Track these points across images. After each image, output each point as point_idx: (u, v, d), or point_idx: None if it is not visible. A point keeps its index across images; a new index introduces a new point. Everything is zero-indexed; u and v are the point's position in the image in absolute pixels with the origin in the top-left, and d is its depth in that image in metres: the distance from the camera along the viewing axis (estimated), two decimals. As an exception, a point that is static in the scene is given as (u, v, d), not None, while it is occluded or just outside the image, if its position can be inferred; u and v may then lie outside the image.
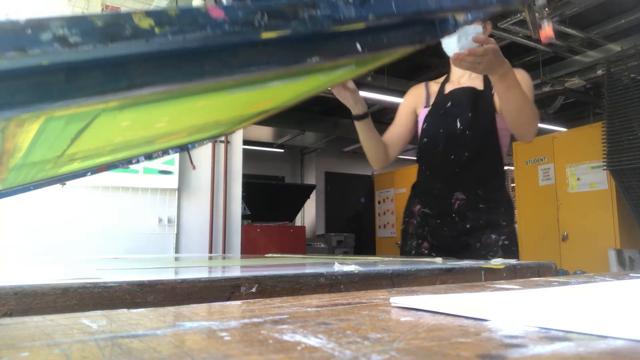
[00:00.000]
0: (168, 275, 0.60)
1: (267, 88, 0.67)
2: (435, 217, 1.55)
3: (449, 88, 1.62)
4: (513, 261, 0.90)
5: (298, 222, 7.56)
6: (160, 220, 2.88)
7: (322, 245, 6.84)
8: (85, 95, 0.43)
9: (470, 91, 1.55)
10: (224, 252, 3.07)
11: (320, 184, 8.35)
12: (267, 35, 0.54)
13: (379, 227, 6.78)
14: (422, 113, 1.64)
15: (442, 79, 1.69)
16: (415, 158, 1.71)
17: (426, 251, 1.56)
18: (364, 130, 1.53)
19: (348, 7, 0.62)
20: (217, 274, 0.63)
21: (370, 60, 0.77)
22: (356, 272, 0.66)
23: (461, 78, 1.62)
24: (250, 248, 4.52)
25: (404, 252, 1.63)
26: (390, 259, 1.22)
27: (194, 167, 2.98)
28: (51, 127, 0.52)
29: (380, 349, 0.23)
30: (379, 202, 6.81)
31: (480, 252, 1.46)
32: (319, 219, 8.38)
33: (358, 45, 0.63)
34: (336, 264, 0.77)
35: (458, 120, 1.52)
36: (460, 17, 0.89)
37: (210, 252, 3.02)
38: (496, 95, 1.44)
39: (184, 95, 0.56)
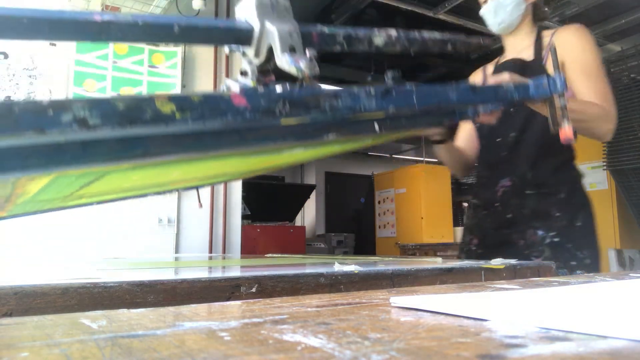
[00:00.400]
0: (168, 275, 0.60)
1: (281, 155, 0.69)
2: (482, 208, 1.39)
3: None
4: (513, 261, 0.90)
5: (298, 222, 7.55)
6: (160, 220, 2.88)
7: (322, 245, 6.84)
8: (98, 161, 0.43)
9: (516, 64, 1.34)
10: (224, 252, 3.07)
11: (320, 184, 8.35)
12: (286, 122, 0.55)
13: (379, 227, 6.78)
14: None
15: (497, 58, 1.51)
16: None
17: (474, 247, 1.40)
18: (440, 151, 1.39)
19: (369, 99, 0.63)
20: (217, 274, 0.63)
21: (386, 136, 0.79)
22: (356, 272, 0.66)
23: (514, 50, 1.43)
24: (250, 248, 4.52)
25: (461, 250, 1.48)
26: (391, 259, 1.22)
27: (201, 206, 2.98)
28: (61, 180, 0.53)
29: (380, 349, 0.23)
30: (379, 202, 6.80)
31: (523, 251, 1.23)
32: (319, 219, 8.38)
33: (376, 126, 0.64)
34: (336, 264, 0.77)
35: None
36: (480, 107, 0.91)
37: (210, 252, 3.02)
38: (549, 65, 1.25)
39: (198, 159, 0.57)
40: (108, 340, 0.25)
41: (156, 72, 2.85)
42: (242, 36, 0.88)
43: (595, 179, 4.27)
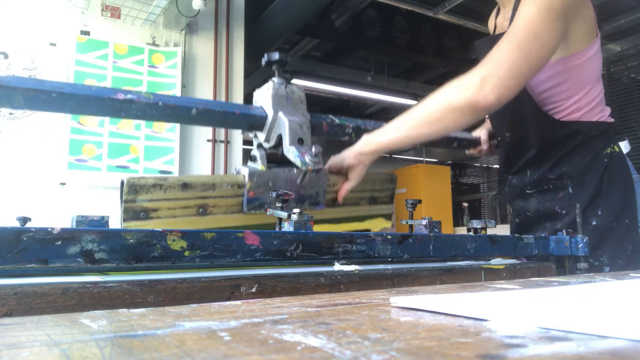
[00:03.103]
0: (168, 275, 0.60)
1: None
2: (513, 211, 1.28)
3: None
4: (513, 261, 0.90)
5: (298, 222, 7.54)
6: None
7: (322, 245, 6.84)
8: None
9: (487, 46, 1.09)
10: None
11: (320, 184, 8.34)
12: (296, 262, 0.55)
13: (379, 227, 6.77)
14: None
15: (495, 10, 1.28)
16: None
17: None
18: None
19: (385, 245, 0.63)
20: (217, 273, 0.63)
21: None
22: (356, 272, 0.66)
23: (500, 13, 1.23)
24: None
25: None
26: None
27: None
28: None
29: (380, 349, 0.23)
30: (379, 202, 6.80)
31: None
32: (319, 219, 8.37)
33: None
34: (336, 264, 0.77)
35: None
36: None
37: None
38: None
39: None
40: (108, 340, 0.25)
41: (156, 72, 2.85)
42: (255, 122, 0.92)
43: (595, 179, 4.26)
